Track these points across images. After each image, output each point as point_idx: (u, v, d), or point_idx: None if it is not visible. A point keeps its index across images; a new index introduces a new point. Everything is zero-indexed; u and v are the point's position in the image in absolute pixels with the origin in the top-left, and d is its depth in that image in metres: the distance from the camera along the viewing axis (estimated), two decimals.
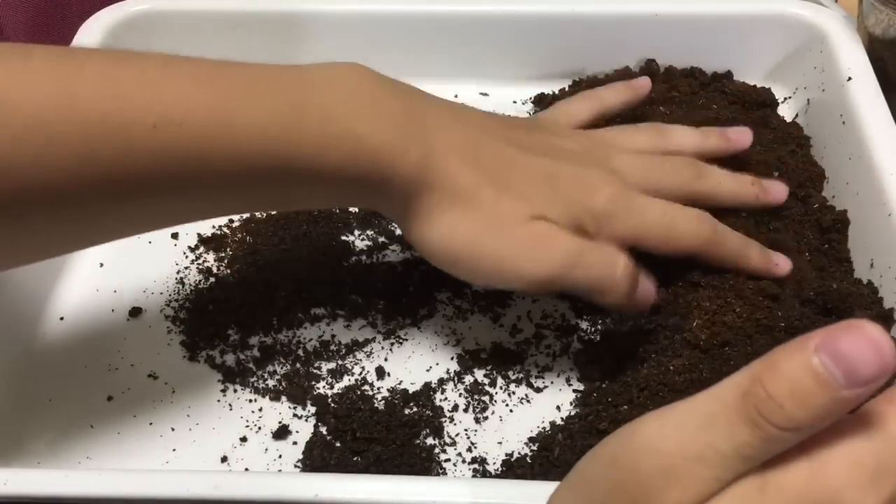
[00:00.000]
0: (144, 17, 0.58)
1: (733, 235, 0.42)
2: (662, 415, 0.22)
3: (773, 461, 0.21)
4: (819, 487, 0.21)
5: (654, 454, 0.21)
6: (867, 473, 0.20)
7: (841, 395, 0.20)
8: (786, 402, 0.20)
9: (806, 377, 0.20)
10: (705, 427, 0.21)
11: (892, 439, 0.21)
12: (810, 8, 0.55)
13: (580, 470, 0.24)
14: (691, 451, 0.21)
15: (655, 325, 0.42)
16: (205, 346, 0.46)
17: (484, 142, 0.40)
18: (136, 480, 0.36)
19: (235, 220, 0.52)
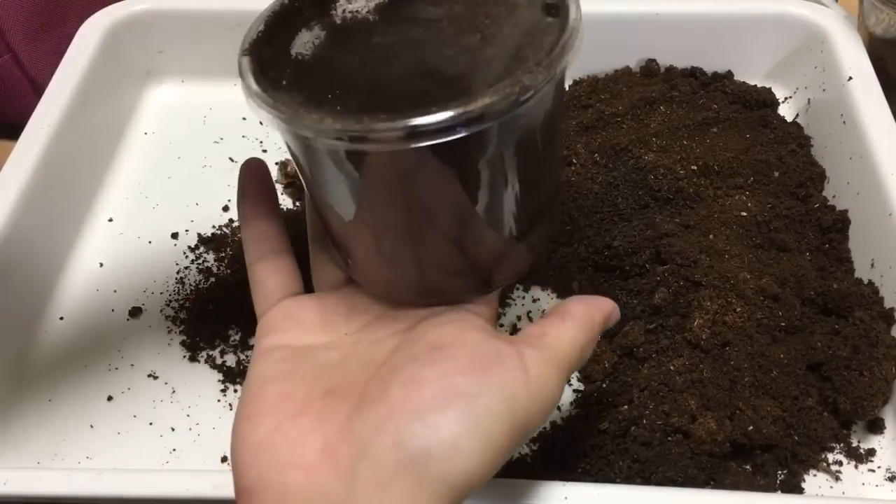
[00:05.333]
0: (144, 17, 0.58)
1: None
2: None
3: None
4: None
5: None
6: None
7: None
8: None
9: None
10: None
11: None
12: (810, 8, 0.55)
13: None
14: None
15: (656, 325, 0.42)
16: (205, 346, 0.46)
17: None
18: (136, 480, 0.36)
19: (235, 220, 0.52)
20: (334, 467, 0.25)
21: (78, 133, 0.52)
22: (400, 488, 0.25)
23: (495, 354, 0.27)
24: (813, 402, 0.40)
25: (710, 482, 0.38)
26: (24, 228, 0.46)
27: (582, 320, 0.30)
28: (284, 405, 0.28)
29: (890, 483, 0.39)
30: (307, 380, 0.29)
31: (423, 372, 0.27)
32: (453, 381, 0.26)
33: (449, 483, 0.25)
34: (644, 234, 0.45)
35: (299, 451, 0.26)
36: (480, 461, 0.26)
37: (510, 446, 0.27)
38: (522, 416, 0.27)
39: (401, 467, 0.25)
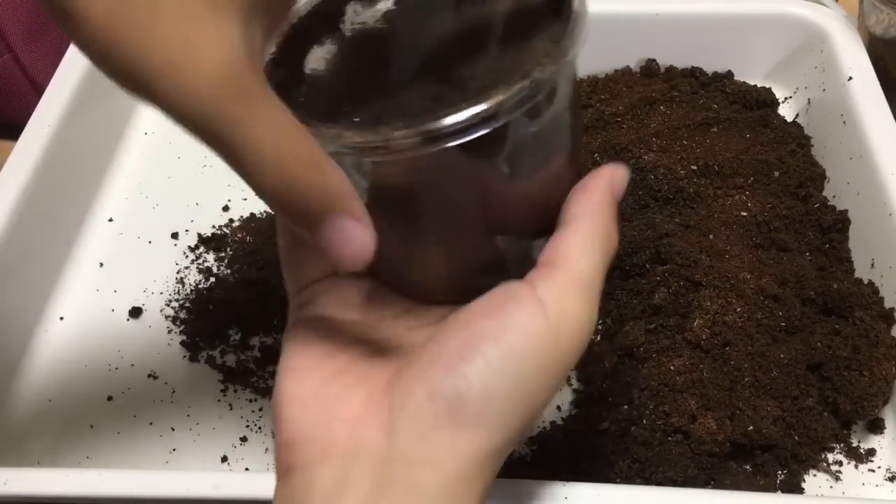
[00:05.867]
0: None
1: None
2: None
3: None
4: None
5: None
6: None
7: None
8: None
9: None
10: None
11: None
12: (811, 8, 0.55)
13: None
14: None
15: (656, 325, 0.42)
16: (205, 346, 0.46)
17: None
18: (136, 480, 0.36)
19: (235, 220, 0.52)
20: (376, 421, 0.26)
21: (78, 133, 0.52)
22: (439, 439, 0.25)
23: (510, 294, 0.27)
24: (813, 402, 0.40)
25: (710, 482, 0.38)
26: (24, 228, 0.47)
27: (588, 218, 0.28)
28: (328, 364, 0.28)
29: (890, 483, 0.39)
30: (350, 346, 0.29)
31: (448, 326, 0.27)
32: (474, 327, 0.26)
33: (488, 430, 0.25)
34: (644, 234, 0.45)
35: (343, 406, 0.27)
36: (514, 405, 0.25)
37: (545, 388, 0.26)
38: (553, 353, 0.26)
39: (438, 419, 0.25)
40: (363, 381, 0.27)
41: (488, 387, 0.25)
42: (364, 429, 0.26)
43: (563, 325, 0.26)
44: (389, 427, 0.26)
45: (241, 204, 0.53)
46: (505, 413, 0.25)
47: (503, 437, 0.25)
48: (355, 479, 0.25)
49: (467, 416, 0.25)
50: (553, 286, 0.27)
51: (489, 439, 0.25)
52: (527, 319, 0.26)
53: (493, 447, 0.25)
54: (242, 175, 0.23)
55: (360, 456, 0.26)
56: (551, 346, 0.26)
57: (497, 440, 0.25)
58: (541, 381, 0.26)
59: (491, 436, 0.25)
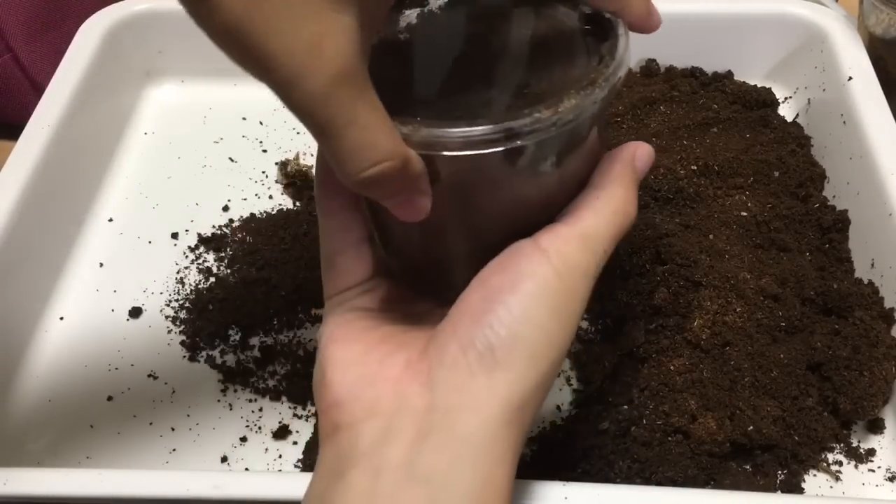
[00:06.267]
0: (144, 17, 0.58)
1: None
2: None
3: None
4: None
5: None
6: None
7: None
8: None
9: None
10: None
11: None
12: (811, 8, 0.55)
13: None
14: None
15: (656, 325, 0.42)
16: (205, 346, 0.46)
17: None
18: (136, 480, 0.36)
19: (235, 220, 0.52)
20: (417, 380, 0.28)
21: (78, 133, 0.52)
22: (475, 386, 0.27)
23: (515, 251, 0.29)
24: (813, 402, 0.40)
25: (710, 482, 0.38)
26: (24, 228, 0.47)
27: (602, 185, 0.31)
28: (368, 335, 0.30)
29: (890, 483, 0.39)
30: (387, 322, 0.31)
31: (469, 289, 0.29)
32: (491, 283, 0.28)
33: (518, 372, 0.27)
34: (644, 234, 0.45)
35: (385, 368, 0.29)
36: (539, 347, 0.28)
37: (562, 329, 0.28)
38: (562, 296, 0.28)
39: (472, 368, 0.27)
40: (402, 348, 0.29)
41: (513, 332, 0.27)
42: (406, 387, 0.28)
43: (567, 270, 0.28)
44: (429, 382, 0.28)
45: (241, 204, 0.53)
46: (532, 355, 0.27)
47: (534, 379, 0.27)
48: (399, 429, 0.27)
49: (498, 362, 0.27)
50: (555, 238, 0.29)
51: (521, 381, 0.27)
52: (534, 266, 0.28)
53: (526, 390, 0.27)
54: (334, 162, 0.25)
55: (402, 410, 0.27)
56: (560, 290, 0.28)
57: (529, 382, 0.27)
58: (557, 322, 0.28)
59: (522, 378, 0.27)
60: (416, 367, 0.28)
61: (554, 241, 0.29)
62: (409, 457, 0.27)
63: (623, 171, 0.31)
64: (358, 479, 0.27)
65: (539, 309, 0.28)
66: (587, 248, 0.29)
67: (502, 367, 0.27)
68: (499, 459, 0.27)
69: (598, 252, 0.30)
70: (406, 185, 0.27)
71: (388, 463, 0.27)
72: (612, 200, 0.30)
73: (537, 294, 0.28)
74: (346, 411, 0.28)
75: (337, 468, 0.28)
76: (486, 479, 0.26)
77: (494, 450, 0.27)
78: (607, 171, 0.31)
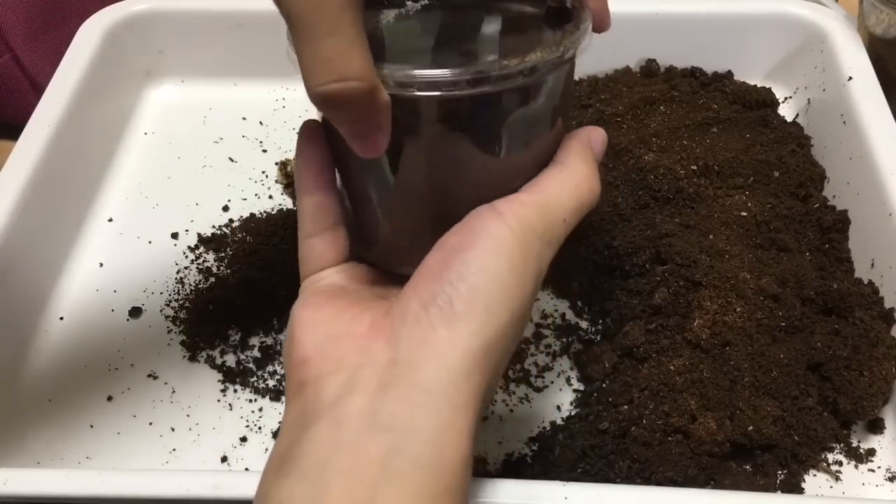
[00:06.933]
0: (144, 17, 0.58)
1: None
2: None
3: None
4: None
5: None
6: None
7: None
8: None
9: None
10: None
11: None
12: (810, 8, 0.55)
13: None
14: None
15: (656, 325, 0.42)
16: (205, 346, 0.46)
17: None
18: (136, 480, 0.36)
19: (235, 220, 0.52)
20: (381, 336, 0.29)
21: (78, 133, 0.52)
22: (436, 338, 0.28)
23: (474, 214, 0.30)
24: (813, 402, 0.40)
25: (710, 482, 0.38)
26: (24, 228, 0.47)
27: (564, 162, 0.32)
28: (338, 301, 0.31)
29: (890, 483, 0.39)
30: (356, 290, 0.33)
31: (429, 255, 0.30)
32: (448, 243, 0.30)
33: (478, 322, 0.28)
34: (644, 234, 0.45)
35: (351, 327, 0.30)
36: (497, 299, 0.28)
37: (520, 284, 0.29)
38: (518, 252, 0.29)
39: (433, 321, 0.28)
40: (368, 311, 0.30)
41: (470, 285, 0.28)
42: (369, 343, 0.29)
43: (521, 230, 0.29)
44: (392, 338, 0.29)
45: (240, 204, 0.53)
46: (490, 306, 0.28)
47: (493, 330, 0.28)
48: (361, 381, 0.28)
49: (458, 314, 0.28)
50: (512, 203, 0.30)
51: (481, 332, 0.28)
52: (490, 225, 0.29)
53: (487, 340, 0.28)
54: (305, 67, 0.26)
55: (365, 364, 0.28)
56: (515, 246, 0.29)
57: (488, 333, 0.28)
58: (513, 277, 0.29)
59: (481, 329, 0.28)
60: (380, 326, 0.29)
61: (511, 206, 0.30)
62: (371, 407, 0.27)
63: (584, 149, 0.32)
64: (321, 431, 0.27)
65: (495, 263, 0.29)
66: (544, 214, 0.30)
67: (462, 319, 0.28)
68: (460, 407, 0.27)
69: (557, 221, 0.31)
70: (367, 115, 0.27)
71: (350, 413, 0.27)
72: (575, 174, 0.31)
73: (492, 250, 0.29)
74: (312, 367, 0.29)
75: (301, 423, 0.28)
76: (447, 426, 0.27)
77: (456, 398, 0.27)
78: (569, 148, 0.32)
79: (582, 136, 0.33)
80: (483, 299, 0.28)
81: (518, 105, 0.30)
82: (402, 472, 0.26)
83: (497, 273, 0.28)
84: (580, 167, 0.32)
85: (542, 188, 0.31)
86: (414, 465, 0.26)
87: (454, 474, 0.27)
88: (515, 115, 0.30)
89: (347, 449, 0.27)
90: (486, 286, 0.28)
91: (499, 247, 0.29)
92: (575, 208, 0.31)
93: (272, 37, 0.54)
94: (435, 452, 0.27)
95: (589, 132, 0.33)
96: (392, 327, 0.29)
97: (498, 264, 0.29)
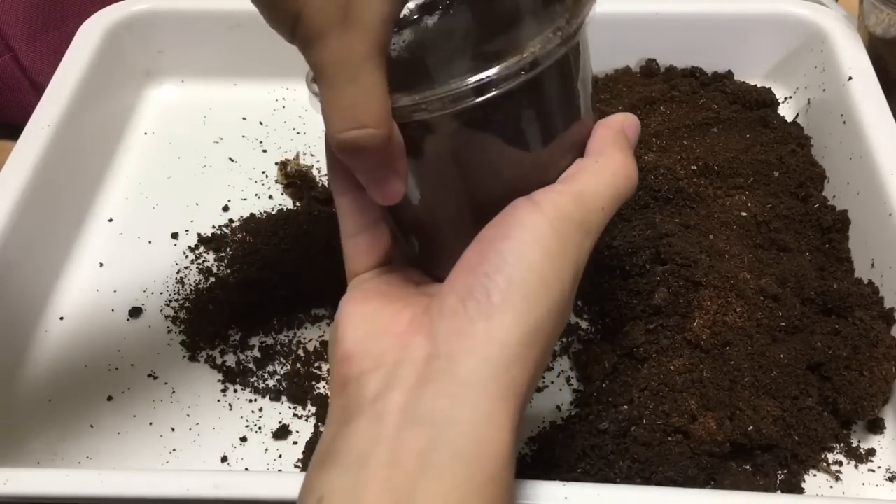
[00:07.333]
0: (144, 17, 0.58)
1: None
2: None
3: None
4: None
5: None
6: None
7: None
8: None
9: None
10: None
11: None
12: (810, 8, 0.55)
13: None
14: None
15: (656, 325, 0.42)
16: (205, 346, 0.46)
17: None
18: (136, 480, 0.36)
19: (235, 220, 0.52)
20: (420, 331, 0.29)
21: (78, 133, 0.52)
22: (475, 331, 0.28)
23: (510, 206, 0.30)
24: (813, 402, 0.40)
25: (710, 482, 0.38)
26: (24, 228, 0.47)
27: (599, 151, 0.32)
28: (382, 298, 0.32)
29: (890, 483, 0.39)
30: (400, 287, 0.33)
31: (467, 250, 0.30)
32: (484, 236, 0.29)
33: (515, 313, 0.28)
34: (644, 234, 0.45)
35: (392, 323, 0.30)
36: (534, 289, 0.28)
37: (557, 273, 0.29)
38: (554, 242, 0.29)
39: (471, 314, 0.28)
40: (409, 307, 0.31)
41: (506, 276, 0.28)
42: (410, 339, 0.29)
43: (559, 219, 0.29)
44: (431, 333, 0.29)
45: (240, 204, 0.53)
46: (528, 297, 0.28)
47: (532, 321, 0.28)
48: (401, 376, 0.28)
49: (495, 305, 0.28)
50: (549, 192, 0.30)
51: (519, 323, 0.28)
52: (525, 215, 0.29)
53: (527, 331, 0.28)
54: (326, 114, 0.27)
55: (405, 359, 0.29)
56: (552, 236, 0.29)
57: (527, 325, 0.28)
58: (551, 266, 0.29)
59: (521, 319, 0.28)
60: (419, 321, 0.30)
61: (548, 196, 0.30)
62: (410, 401, 0.27)
63: (617, 136, 0.32)
64: (362, 426, 0.28)
65: (531, 252, 0.28)
66: (582, 203, 0.30)
67: (499, 310, 0.28)
68: (500, 400, 0.27)
69: (594, 210, 0.30)
70: (384, 161, 0.28)
71: (390, 409, 0.27)
72: (611, 162, 0.31)
73: (528, 239, 0.28)
74: (355, 364, 0.30)
75: (344, 418, 0.28)
76: (487, 418, 0.27)
77: (495, 391, 0.27)
78: (602, 136, 0.32)
79: (614, 123, 0.33)
80: (520, 290, 0.28)
81: (530, 99, 0.29)
82: (442, 464, 0.26)
83: (534, 263, 0.28)
84: (615, 155, 0.31)
85: (578, 178, 0.31)
86: (454, 457, 0.26)
87: (496, 466, 0.27)
88: (531, 109, 0.29)
89: (388, 443, 0.27)
90: (523, 276, 0.28)
91: (536, 237, 0.28)
92: (612, 196, 0.31)
93: (272, 37, 0.54)
94: (475, 445, 0.26)
95: (622, 119, 0.33)
96: (431, 322, 0.29)
97: (535, 254, 0.28)
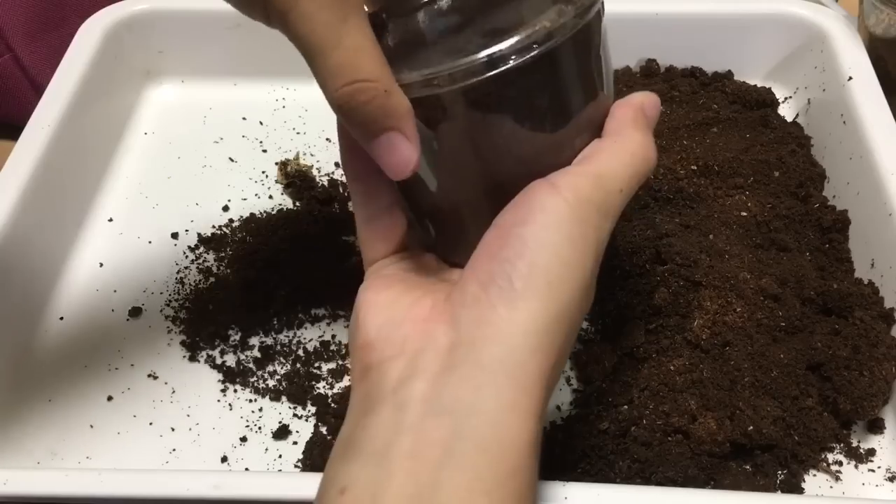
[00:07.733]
0: (144, 17, 0.58)
1: None
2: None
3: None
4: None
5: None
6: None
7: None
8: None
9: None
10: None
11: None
12: (811, 8, 0.55)
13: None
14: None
15: (656, 325, 0.42)
16: (205, 346, 0.46)
17: None
18: (136, 480, 0.36)
19: (235, 220, 0.52)
20: (442, 319, 0.29)
21: (78, 133, 0.52)
22: (497, 317, 0.27)
23: (528, 189, 0.29)
24: (813, 402, 0.40)
25: (710, 482, 0.38)
26: (24, 228, 0.46)
27: (618, 131, 0.31)
28: (401, 285, 0.31)
29: (890, 483, 0.39)
30: (419, 275, 0.33)
31: (486, 234, 0.29)
32: (504, 220, 0.29)
33: (538, 299, 0.27)
34: (644, 234, 0.45)
35: (414, 311, 0.30)
36: (557, 274, 0.28)
37: (580, 258, 0.28)
38: (576, 225, 0.28)
39: (493, 302, 0.27)
40: (430, 294, 0.30)
41: (528, 261, 0.27)
42: (431, 326, 0.29)
43: (578, 202, 0.28)
44: (453, 321, 0.28)
45: (240, 204, 0.53)
46: (551, 282, 0.28)
47: (555, 307, 0.28)
48: (424, 364, 0.28)
49: (517, 291, 0.27)
50: (566, 175, 0.29)
51: (542, 309, 0.27)
52: (544, 198, 0.28)
53: (550, 317, 0.27)
54: (320, 82, 0.27)
55: (427, 347, 0.28)
56: (573, 219, 0.28)
57: (550, 310, 0.27)
58: (573, 250, 0.28)
59: (543, 305, 0.27)
60: (441, 309, 0.29)
61: (566, 178, 0.29)
62: (433, 390, 0.27)
63: (636, 116, 0.31)
64: (384, 415, 0.27)
65: (552, 236, 0.28)
66: (601, 185, 0.29)
67: (522, 297, 0.27)
68: (524, 388, 0.27)
69: (613, 191, 0.30)
70: (386, 117, 0.27)
71: (412, 397, 0.27)
72: (629, 143, 0.31)
73: (549, 223, 0.28)
74: (376, 351, 0.29)
75: (365, 407, 0.28)
76: (511, 406, 0.26)
77: (520, 378, 0.27)
78: (620, 117, 0.31)
79: (633, 102, 0.32)
80: (543, 275, 0.27)
81: (545, 75, 0.28)
82: (465, 454, 0.26)
83: (556, 247, 0.28)
84: (633, 135, 0.31)
85: (596, 159, 0.30)
86: (477, 447, 0.26)
87: (520, 455, 0.26)
88: (545, 85, 0.29)
89: (410, 433, 0.26)
90: (545, 261, 0.28)
91: (556, 220, 0.28)
92: (631, 177, 0.30)
93: (272, 37, 0.54)
94: (499, 434, 0.26)
95: (642, 98, 0.32)
96: (453, 310, 0.28)
97: (556, 238, 0.28)
